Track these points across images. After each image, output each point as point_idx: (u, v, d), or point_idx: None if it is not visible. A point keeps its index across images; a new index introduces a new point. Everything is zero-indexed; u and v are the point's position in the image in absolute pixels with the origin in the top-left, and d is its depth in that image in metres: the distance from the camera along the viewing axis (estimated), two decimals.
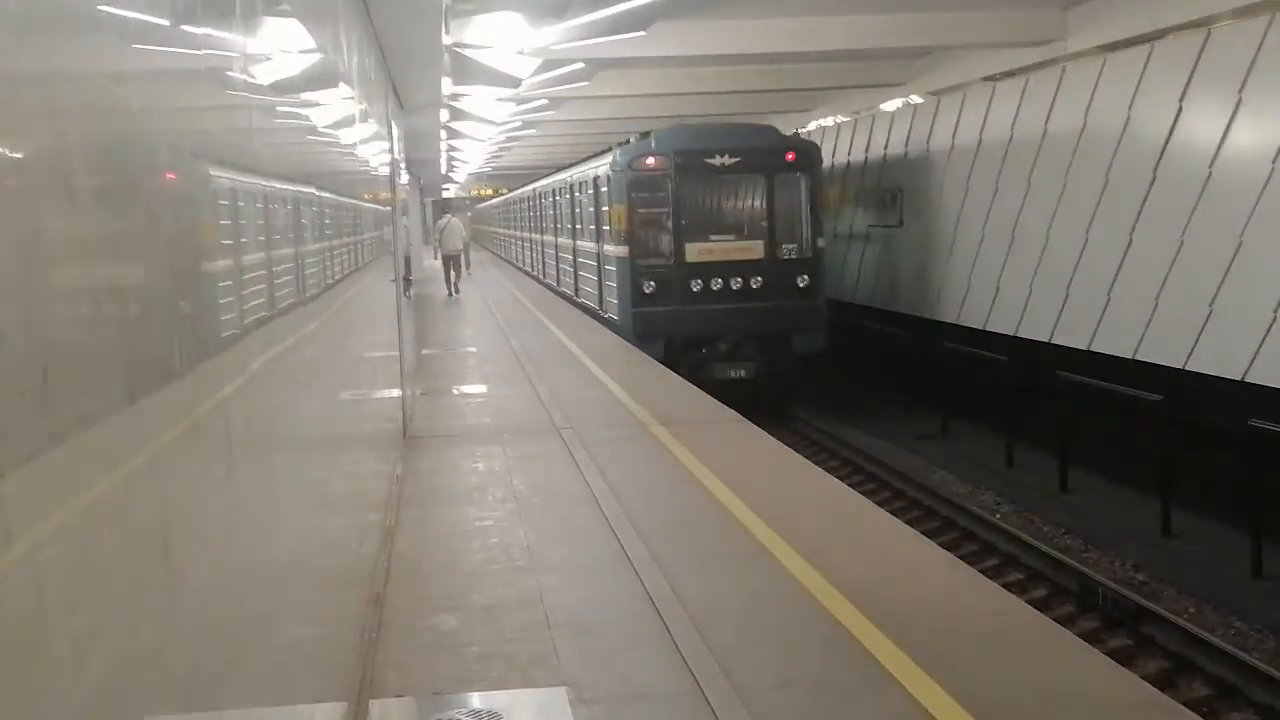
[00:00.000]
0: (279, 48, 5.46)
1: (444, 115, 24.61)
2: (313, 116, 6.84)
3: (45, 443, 2.37)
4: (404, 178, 22.09)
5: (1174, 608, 15.20)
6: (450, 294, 37.03)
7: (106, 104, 2.88)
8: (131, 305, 2.97)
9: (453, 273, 37.57)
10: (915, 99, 27.18)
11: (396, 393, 13.93)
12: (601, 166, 27.57)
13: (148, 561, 2.94)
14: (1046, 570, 16.81)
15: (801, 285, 25.29)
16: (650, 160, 25.37)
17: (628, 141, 26.63)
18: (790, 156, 25.57)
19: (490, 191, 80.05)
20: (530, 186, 47.52)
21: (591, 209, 28.73)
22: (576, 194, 31.34)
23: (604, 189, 27.10)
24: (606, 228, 26.89)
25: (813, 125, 33.64)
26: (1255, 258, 16.37)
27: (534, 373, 20.23)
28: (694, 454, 13.59)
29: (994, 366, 22.38)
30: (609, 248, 26.70)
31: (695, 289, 25.09)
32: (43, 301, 2.40)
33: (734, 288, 25.06)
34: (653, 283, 25.22)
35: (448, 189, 75.12)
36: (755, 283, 25.11)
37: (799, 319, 25.21)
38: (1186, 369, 17.53)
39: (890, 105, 28.35)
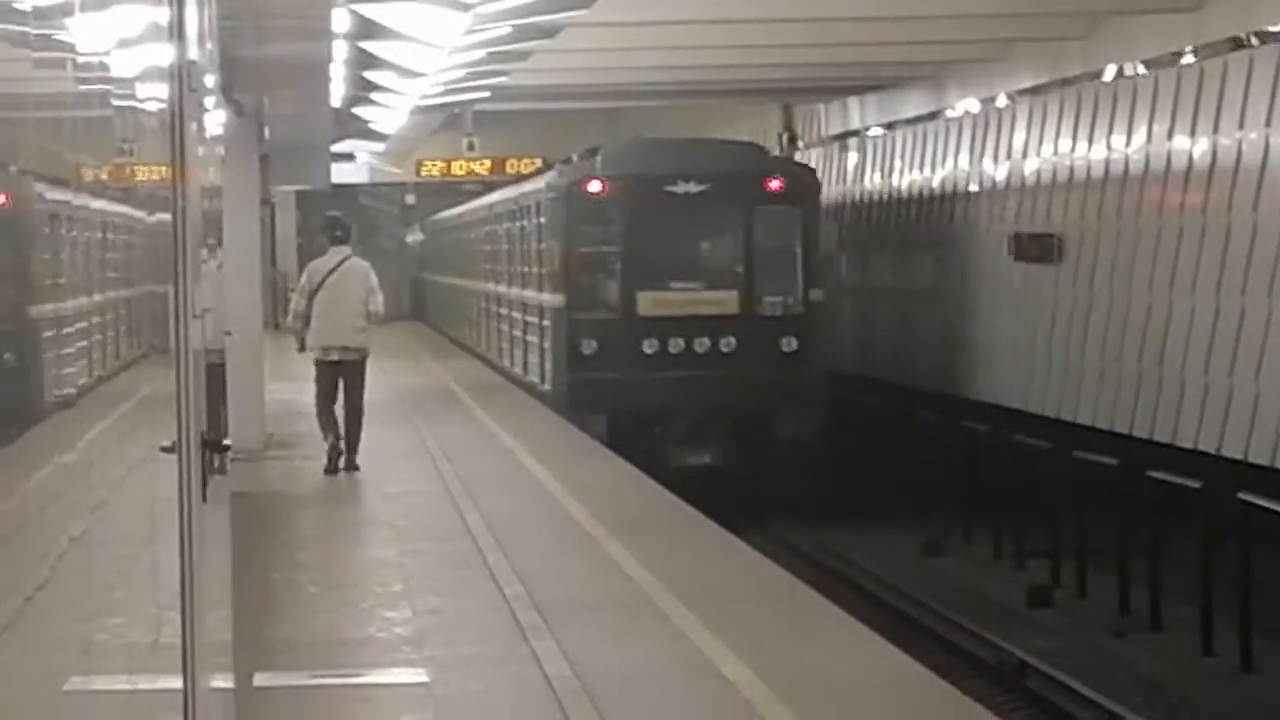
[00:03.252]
0: None
1: None
2: None
3: None
4: (212, 119, 11.32)
5: None
6: (335, 465, 16.91)
7: None
8: None
9: (342, 408, 17.13)
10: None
11: None
12: (539, 189, 26.01)
13: None
14: None
15: (787, 349, 22.93)
16: (594, 185, 23.30)
17: (569, 160, 25.20)
18: (776, 184, 23.54)
19: (483, 167, 37.47)
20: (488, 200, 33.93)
21: (537, 246, 26.64)
22: (523, 223, 28.42)
23: (541, 220, 25.43)
24: (542, 271, 25.12)
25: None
26: None
27: None
28: None
29: None
30: (545, 296, 24.83)
31: (649, 350, 22.92)
32: None
33: (698, 350, 22.91)
34: (594, 341, 23.14)
35: (351, 160, 33.74)
36: (726, 344, 22.87)
37: (782, 393, 22.68)
38: None
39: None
